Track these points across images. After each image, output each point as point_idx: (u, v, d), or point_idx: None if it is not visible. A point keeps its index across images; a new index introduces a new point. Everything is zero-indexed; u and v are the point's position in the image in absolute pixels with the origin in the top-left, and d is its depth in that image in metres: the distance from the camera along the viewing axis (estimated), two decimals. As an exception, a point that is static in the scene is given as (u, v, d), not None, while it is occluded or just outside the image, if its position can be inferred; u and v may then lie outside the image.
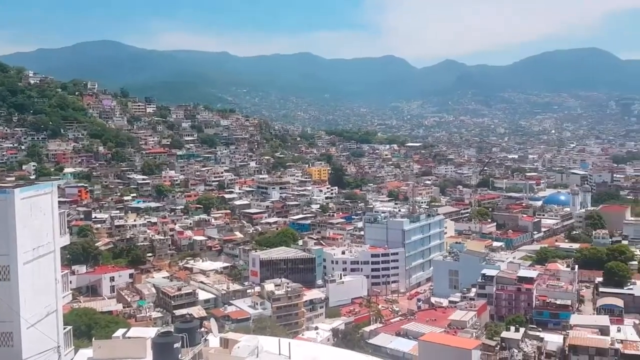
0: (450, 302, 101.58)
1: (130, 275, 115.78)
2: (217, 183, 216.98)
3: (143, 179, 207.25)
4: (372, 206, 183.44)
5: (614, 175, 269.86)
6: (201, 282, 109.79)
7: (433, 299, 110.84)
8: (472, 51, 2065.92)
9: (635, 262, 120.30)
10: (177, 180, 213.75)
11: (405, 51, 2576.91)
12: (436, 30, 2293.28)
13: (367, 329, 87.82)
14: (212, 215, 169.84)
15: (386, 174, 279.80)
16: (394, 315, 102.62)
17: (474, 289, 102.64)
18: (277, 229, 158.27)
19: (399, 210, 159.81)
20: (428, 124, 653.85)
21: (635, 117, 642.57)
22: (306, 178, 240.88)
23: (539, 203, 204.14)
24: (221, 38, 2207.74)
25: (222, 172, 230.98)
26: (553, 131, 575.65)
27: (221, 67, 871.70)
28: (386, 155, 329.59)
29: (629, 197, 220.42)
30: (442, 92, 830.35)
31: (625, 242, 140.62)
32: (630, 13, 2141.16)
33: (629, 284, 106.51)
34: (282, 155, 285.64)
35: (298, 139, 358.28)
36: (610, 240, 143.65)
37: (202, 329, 32.17)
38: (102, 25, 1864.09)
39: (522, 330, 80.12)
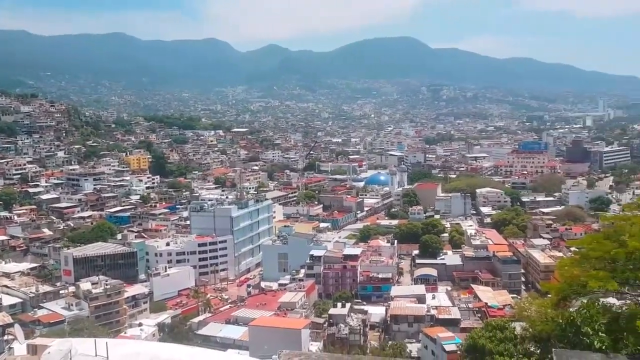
0: (280, 285, 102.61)
1: None
2: (19, 176, 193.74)
3: None
4: (197, 194, 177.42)
5: (427, 155, 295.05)
6: (5, 286, 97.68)
7: (263, 284, 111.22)
8: (295, 36, 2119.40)
9: (446, 235, 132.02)
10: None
11: (228, 34, 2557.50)
12: (259, 13, 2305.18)
13: (196, 320, 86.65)
14: (14, 211, 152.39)
15: (212, 160, 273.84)
16: (223, 303, 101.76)
17: (302, 270, 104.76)
18: (92, 223, 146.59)
19: (227, 197, 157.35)
20: (254, 109, 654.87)
21: (444, 101, 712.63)
22: (124, 167, 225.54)
23: (362, 184, 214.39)
24: (17, 14, 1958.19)
25: (24, 164, 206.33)
26: (372, 115, 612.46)
27: (19, 47, 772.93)
28: (211, 141, 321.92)
29: (439, 175, 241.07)
30: (267, 76, 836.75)
31: (437, 217, 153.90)
32: (440, 4, 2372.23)
33: (441, 254, 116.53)
34: (94, 144, 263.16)
35: (113, 125, 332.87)
36: (424, 215, 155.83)
37: (7, 337, 26.82)
38: None
39: (348, 305, 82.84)
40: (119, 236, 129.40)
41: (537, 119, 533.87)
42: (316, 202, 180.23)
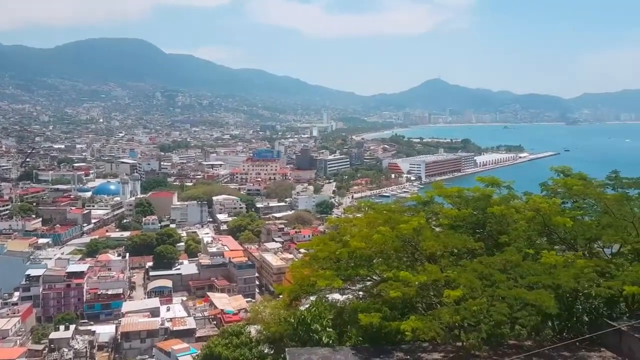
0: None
1: None
2: None
3: None
4: None
5: (162, 163, 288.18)
6: None
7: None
8: (6, 29, 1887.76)
9: (183, 244, 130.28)
10: None
11: None
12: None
13: None
14: None
15: None
16: None
17: (17, 293, 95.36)
18: None
19: None
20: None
21: (180, 108, 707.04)
22: None
23: (89, 194, 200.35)
24: None
25: None
26: (101, 120, 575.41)
27: None
28: None
29: (175, 183, 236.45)
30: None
31: (173, 226, 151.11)
32: (171, 9, 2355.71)
33: (177, 264, 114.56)
34: None
35: None
36: (159, 225, 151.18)
37: None
38: None
39: (73, 327, 77.08)
40: None
41: (270, 129, 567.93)
42: (34, 216, 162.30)
